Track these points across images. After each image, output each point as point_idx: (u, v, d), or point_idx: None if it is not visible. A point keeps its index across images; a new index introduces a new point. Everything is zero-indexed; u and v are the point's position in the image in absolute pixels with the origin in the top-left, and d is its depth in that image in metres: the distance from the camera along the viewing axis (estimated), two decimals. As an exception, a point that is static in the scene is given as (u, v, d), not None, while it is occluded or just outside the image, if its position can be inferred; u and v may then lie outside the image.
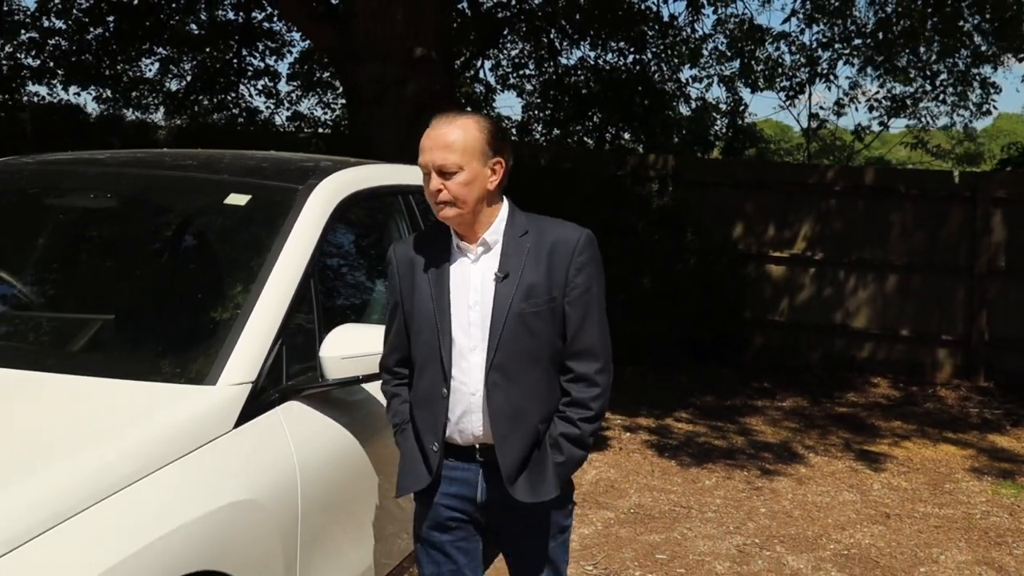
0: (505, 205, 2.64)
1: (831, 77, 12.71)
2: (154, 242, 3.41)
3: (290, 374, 2.75)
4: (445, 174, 2.50)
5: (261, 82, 14.90)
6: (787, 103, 13.22)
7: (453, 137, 2.51)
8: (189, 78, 14.79)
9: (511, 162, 2.61)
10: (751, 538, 5.08)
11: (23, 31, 13.41)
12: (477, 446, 2.60)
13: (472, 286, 2.57)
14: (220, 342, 2.66)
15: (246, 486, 2.44)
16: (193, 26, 14.23)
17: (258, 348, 2.67)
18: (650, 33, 13.28)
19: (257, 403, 2.61)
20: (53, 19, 13.35)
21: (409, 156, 3.02)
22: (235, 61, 14.46)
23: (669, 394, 8.15)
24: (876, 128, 13.61)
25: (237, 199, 3.16)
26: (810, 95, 13.84)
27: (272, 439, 2.59)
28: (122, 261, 3.34)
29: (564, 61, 14.18)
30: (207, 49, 14.49)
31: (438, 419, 2.58)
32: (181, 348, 2.77)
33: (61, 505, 2.04)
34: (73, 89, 13.81)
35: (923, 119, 13.39)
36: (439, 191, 2.51)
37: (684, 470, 6.19)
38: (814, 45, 12.60)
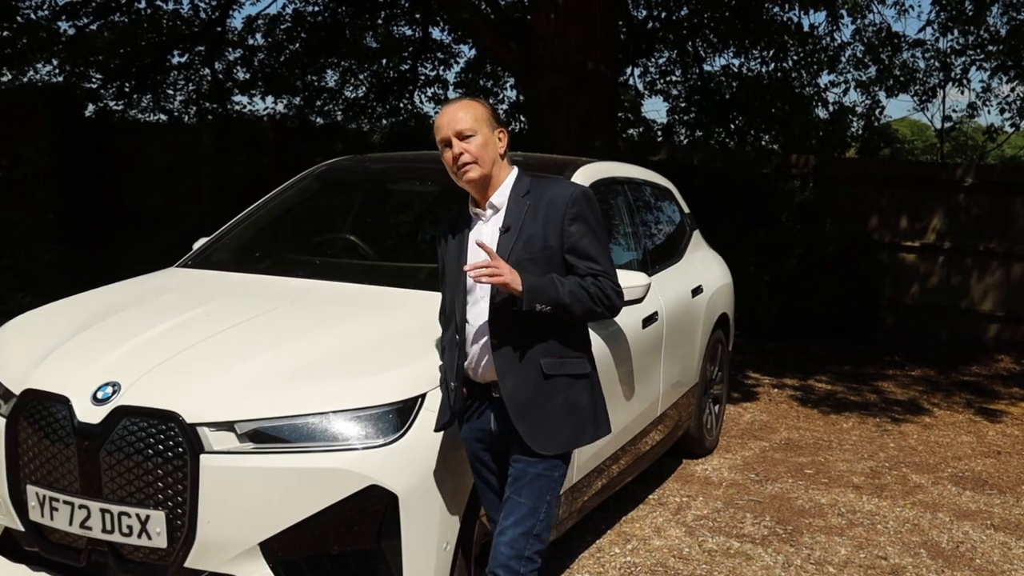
0: (514, 172, 3.05)
1: (964, 82, 13.46)
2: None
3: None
4: (464, 138, 2.91)
5: (431, 90, 16.59)
6: (920, 106, 14.04)
7: (464, 111, 2.95)
8: (366, 87, 16.58)
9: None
10: (882, 463, 6.28)
11: (233, 50, 15.49)
12: (491, 385, 2.97)
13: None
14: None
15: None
16: (372, 42, 16.01)
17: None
18: (790, 42, 14.22)
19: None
20: (258, 37, 15.36)
21: (579, 155, 4.84)
22: (409, 72, 16.16)
23: (810, 363, 9.31)
24: (1008, 129, 14.28)
25: (518, 185, 4.59)
26: (944, 98, 14.56)
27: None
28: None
29: (708, 68, 15.31)
30: (383, 61, 16.24)
31: (455, 361, 2.99)
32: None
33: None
34: (269, 99, 15.92)
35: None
36: (461, 153, 2.91)
37: (824, 416, 7.40)
38: (948, 51, 13.36)
